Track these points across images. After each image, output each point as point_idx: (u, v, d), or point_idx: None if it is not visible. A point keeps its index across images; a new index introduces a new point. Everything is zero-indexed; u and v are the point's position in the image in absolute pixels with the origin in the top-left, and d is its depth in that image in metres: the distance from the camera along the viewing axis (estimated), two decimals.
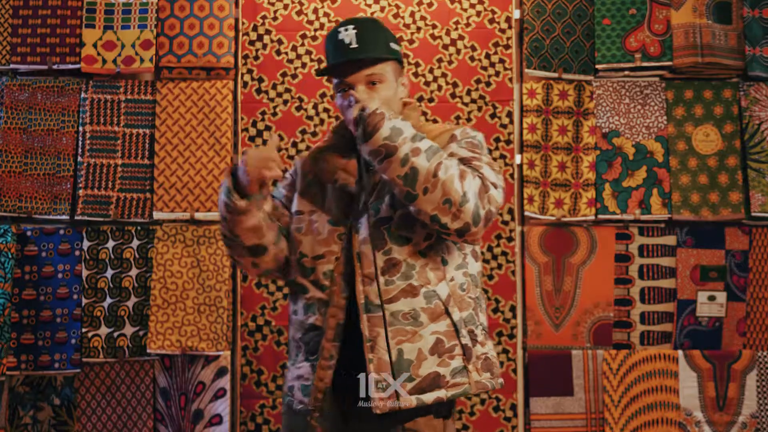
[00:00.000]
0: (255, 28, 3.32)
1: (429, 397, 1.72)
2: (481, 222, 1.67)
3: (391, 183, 1.68)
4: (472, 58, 3.32)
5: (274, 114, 3.29)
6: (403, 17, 3.34)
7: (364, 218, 1.78)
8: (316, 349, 1.78)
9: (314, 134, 3.29)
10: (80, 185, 3.21)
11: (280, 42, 3.31)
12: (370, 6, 3.33)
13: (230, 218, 1.79)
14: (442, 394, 1.72)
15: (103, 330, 3.15)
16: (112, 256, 3.19)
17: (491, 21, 3.34)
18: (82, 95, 3.25)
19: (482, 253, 3.25)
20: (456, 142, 1.79)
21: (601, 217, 3.29)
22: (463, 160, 1.72)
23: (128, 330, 3.17)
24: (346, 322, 1.76)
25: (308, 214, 1.87)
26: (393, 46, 1.84)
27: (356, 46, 1.76)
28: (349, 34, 1.78)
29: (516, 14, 3.35)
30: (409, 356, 1.71)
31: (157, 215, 3.22)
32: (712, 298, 3.25)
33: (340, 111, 1.80)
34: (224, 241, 1.88)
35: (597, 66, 3.33)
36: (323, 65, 3.36)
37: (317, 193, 1.88)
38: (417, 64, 3.32)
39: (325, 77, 1.91)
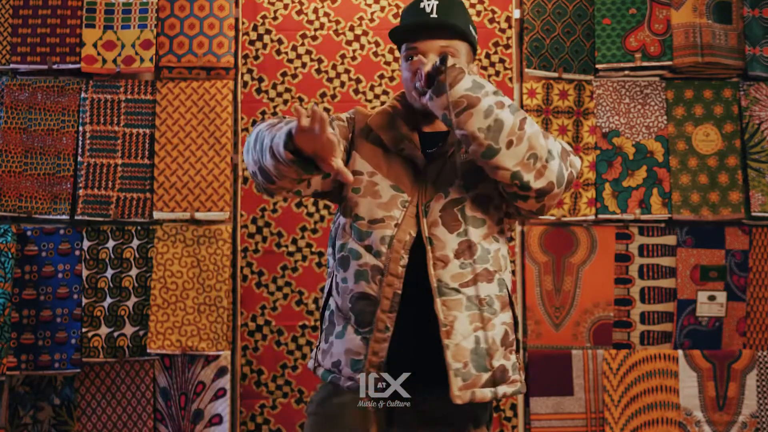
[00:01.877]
0: (255, 28, 3.32)
1: (500, 390, 1.65)
2: (564, 183, 1.60)
3: (470, 138, 1.56)
4: None
5: (274, 114, 3.29)
6: None
7: (434, 200, 1.68)
8: (369, 320, 1.65)
9: None
10: (80, 185, 3.21)
11: (280, 42, 3.31)
12: (370, 6, 3.33)
13: (280, 167, 1.57)
14: (506, 389, 1.66)
15: (103, 330, 3.15)
16: (112, 256, 3.19)
17: (491, 21, 3.34)
18: (82, 95, 3.26)
19: None
20: None
21: (601, 216, 3.30)
22: None
23: (128, 330, 3.17)
24: (404, 293, 1.64)
25: (368, 175, 1.73)
26: (472, 29, 1.76)
27: (436, 16, 1.69)
28: (431, 4, 1.71)
29: (516, 14, 3.35)
30: (484, 345, 1.64)
31: (157, 215, 3.22)
32: (712, 298, 3.25)
33: (404, 82, 1.73)
34: (269, 168, 1.62)
35: (597, 66, 3.33)
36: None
37: (379, 155, 1.75)
38: None
39: (396, 44, 1.80)
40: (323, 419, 1.75)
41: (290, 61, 3.31)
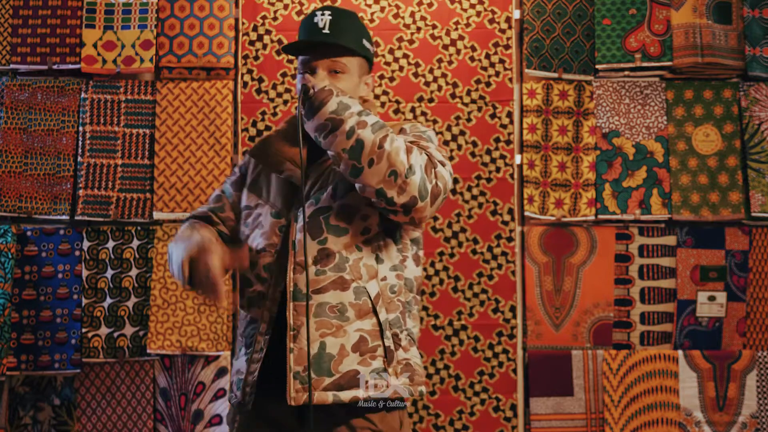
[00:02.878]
0: (255, 28, 3.32)
1: (346, 395, 1.67)
2: (428, 196, 1.62)
3: (337, 158, 1.63)
4: (472, 59, 3.32)
5: (274, 114, 3.30)
6: (403, 17, 3.34)
7: (307, 207, 1.75)
8: (251, 342, 1.77)
9: None
10: (80, 185, 3.21)
11: (280, 42, 3.31)
12: (370, 6, 3.33)
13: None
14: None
15: (103, 330, 3.15)
16: (112, 256, 3.19)
17: (491, 21, 3.34)
18: (82, 95, 3.26)
19: (482, 253, 3.26)
20: (405, 134, 1.77)
21: (601, 217, 3.30)
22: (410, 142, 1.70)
23: (128, 330, 3.17)
24: (278, 314, 1.73)
25: (255, 208, 1.85)
26: (365, 43, 1.82)
27: (328, 32, 1.75)
28: (324, 19, 1.76)
29: (516, 14, 3.35)
30: (331, 350, 1.68)
31: (157, 215, 3.22)
32: (712, 298, 3.25)
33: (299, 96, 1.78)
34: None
35: (597, 66, 3.33)
36: None
37: (264, 186, 1.85)
38: (417, 64, 3.32)
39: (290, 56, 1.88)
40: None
41: (290, 61, 3.31)
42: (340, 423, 1.72)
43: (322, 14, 1.77)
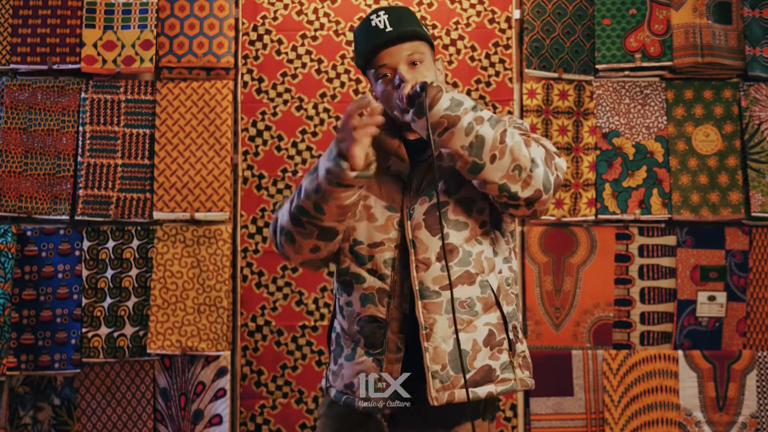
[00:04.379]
0: (255, 28, 3.32)
1: (482, 391, 1.67)
2: (552, 188, 1.63)
3: (455, 156, 1.60)
4: (472, 58, 3.32)
5: (274, 114, 3.29)
6: None
7: (417, 204, 1.71)
8: (379, 342, 1.69)
9: (314, 134, 3.29)
10: (80, 185, 3.21)
11: (280, 42, 3.31)
12: (370, 6, 3.33)
13: (328, 191, 1.60)
14: (492, 388, 1.68)
15: (103, 330, 3.15)
16: (112, 256, 3.19)
17: (491, 21, 3.34)
18: (82, 95, 3.25)
19: None
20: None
21: (601, 217, 3.30)
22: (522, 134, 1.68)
23: (128, 330, 3.17)
24: (411, 312, 1.69)
25: (362, 199, 1.75)
26: (424, 29, 1.79)
27: (391, 29, 1.71)
28: (381, 20, 1.73)
29: (516, 14, 3.35)
30: (465, 346, 1.66)
31: (157, 215, 3.22)
32: (712, 298, 3.25)
33: (381, 99, 1.73)
34: (294, 217, 1.68)
35: (597, 66, 3.33)
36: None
37: (371, 179, 1.76)
38: None
39: (362, 71, 1.82)
40: (332, 419, 1.79)
41: (290, 61, 3.31)
42: (459, 422, 1.71)
43: (377, 16, 1.74)
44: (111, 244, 3.20)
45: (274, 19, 3.33)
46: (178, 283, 3.18)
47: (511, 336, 1.72)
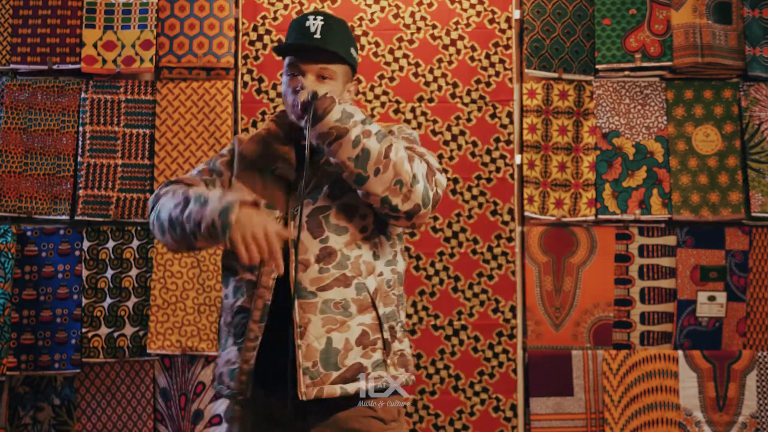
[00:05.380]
0: (255, 28, 3.32)
1: (352, 387, 1.74)
2: (430, 203, 1.71)
3: (341, 166, 1.69)
4: (472, 59, 3.32)
5: (274, 113, 3.29)
6: (403, 17, 3.34)
7: (304, 206, 1.78)
8: (243, 331, 1.76)
9: None
10: (80, 185, 3.21)
11: (280, 42, 3.31)
12: (370, 6, 3.33)
13: (203, 236, 1.67)
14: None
15: (103, 330, 3.16)
16: (112, 256, 3.19)
17: (491, 21, 3.34)
18: (82, 95, 3.26)
19: (482, 253, 3.26)
20: (394, 136, 1.81)
21: (601, 217, 3.30)
22: (407, 149, 1.75)
23: (128, 330, 3.17)
24: (273, 305, 1.75)
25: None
26: (352, 52, 1.86)
27: (319, 37, 1.79)
28: (316, 24, 1.80)
29: (516, 14, 3.35)
30: (336, 345, 1.73)
31: None
32: (712, 299, 3.25)
33: (283, 95, 1.82)
34: (172, 225, 1.74)
35: (597, 66, 3.33)
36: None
37: (254, 178, 1.85)
38: (417, 64, 3.32)
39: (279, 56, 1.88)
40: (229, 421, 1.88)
41: None
42: (341, 410, 1.77)
43: (315, 19, 1.80)
44: (111, 244, 3.20)
45: (274, 19, 3.33)
46: (178, 283, 3.18)
47: (387, 336, 1.78)
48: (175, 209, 1.73)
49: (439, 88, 3.31)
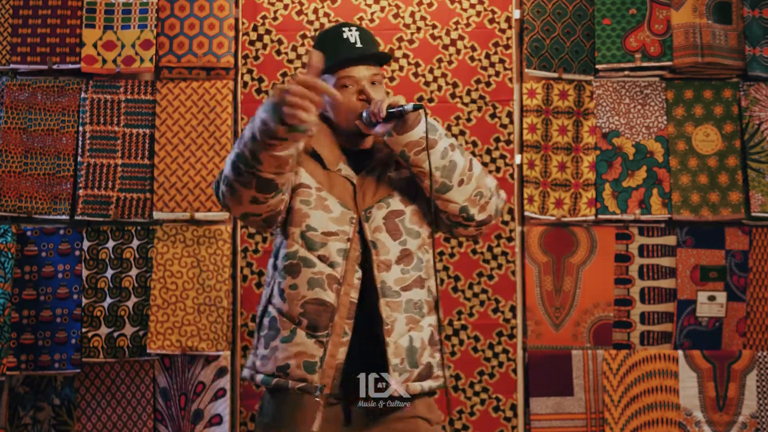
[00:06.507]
0: (255, 28, 3.32)
1: (425, 385, 1.82)
2: (497, 215, 1.88)
3: (424, 175, 1.80)
4: (472, 58, 3.32)
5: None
6: (403, 17, 3.34)
7: (375, 208, 1.85)
8: (326, 324, 1.77)
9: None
10: (80, 185, 3.21)
11: (280, 42, 3.31)
12: (370, 6, 3.33)
13: (262, 140, 1.58)
14: (431, 384, 1.84)
15: (103, 330, 3.15)
16: (112, 256, 3.19)
17: (491, 21, 3.34)
18: (82, 95, 3.26)
19: (482, 253, 3.26)
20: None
21: (601, 217, 3.30)
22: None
23: (128, 330, 3.17)
24: (358, 302, 1.81)
25: (316, 190, 1.86)
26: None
27: (361, 45, 1.88)
28: (353, 35, 1.89)
29: (516, 14, 3.35)
30: (415, 344, 1.81)
31: (157, 215, 3.22)
32: (712, 298, 3.25)
33: (337, 105, 1.87)
34: (234, 164, 1.67)
35: (597, 66, 3.33)
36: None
37: (321, 173, 1.88)
38: (417, 64, 3.32)
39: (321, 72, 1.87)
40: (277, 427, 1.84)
41: (290, 61, 3.31)
42: (395, 411, 1.83)
43: (350, 30, 1.89)
44: (111, 244, 3.20)
45: (274, 19, 3.33)
46: (178, 283, 3.18)
47: (442, 337, 1.90)
48: (230, 155, 1.69)
49: (439, 88, 3.31)
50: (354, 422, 1.82)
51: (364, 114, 1.84)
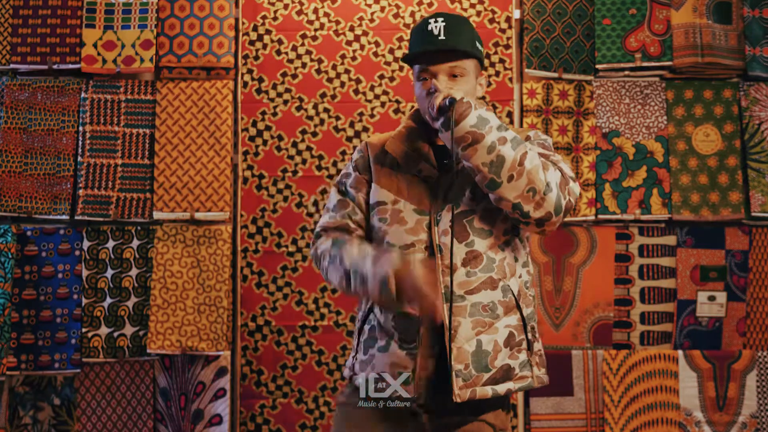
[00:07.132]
0: (255, 28, 3.32)
1: (502, 389, 1.77)
2: (562, 212, 1.74)
3: (475, 170, 1.72)
4: None
5: (274, 114, 3.30)
6: (403, 17, 3.33)
7: (445, 210, 1.81)
8: (412, 337, 1.78)
9: (314, 134, 3.29)
10: (80, 185, 3.21)
11: (280, 42, 3.31)
12: (370, 6, 3.33)
13: (356, 293, 1.78)
14: (511, 386, 1.78)
15: (103, 330, 3.15)
16: (112, 256, 3.19)
17: (491, 21, 3.34)
18: (82, 95, 3.25)
19: None
20: (530, 141, 1.85)
21: (601, 217, 3.30)
22: (541, 156, 1.78)
23: (128, 330, 3.17)
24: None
25: (392, 203, 1.86)
26: (478, 45, 1.88)
27: (444, 38, 1.81)
28: (438, 26, 1.82)
29: (516, 14, 3.35)
30: (486, 347, 1.76)
31: (157, 215, 3.22)
32: (712, 298, 3.25)
33: (418, 100, 1.85)
34: (327, 279, 1.89)
35: (597, 66, 3.33)
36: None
37: (398, 181, 1.87)
38: None
39: (407, 65, 1.90)
40: (357, 408, 1.85)
41: (290, 61, 3.31)
42: (470, 417, 1.81)
43: (435, 21, 1.83)
44: (111, 244, 3.20)
45: (274, 19, 3.33)
46: (178, 283, 3.18)
47: (530, 336, 1.82)
48: (340, 282, 1.81)
49: None
50: (415, 425, 1.82)
51: (429, 111, 1.80)
